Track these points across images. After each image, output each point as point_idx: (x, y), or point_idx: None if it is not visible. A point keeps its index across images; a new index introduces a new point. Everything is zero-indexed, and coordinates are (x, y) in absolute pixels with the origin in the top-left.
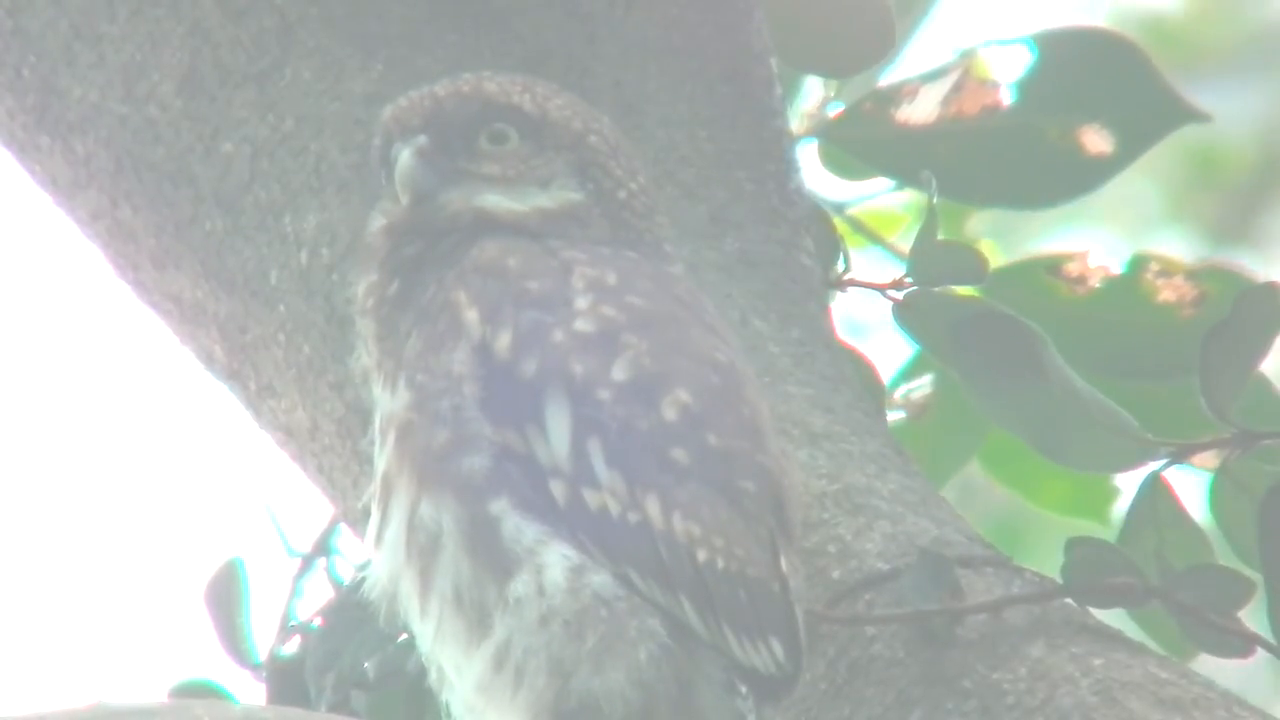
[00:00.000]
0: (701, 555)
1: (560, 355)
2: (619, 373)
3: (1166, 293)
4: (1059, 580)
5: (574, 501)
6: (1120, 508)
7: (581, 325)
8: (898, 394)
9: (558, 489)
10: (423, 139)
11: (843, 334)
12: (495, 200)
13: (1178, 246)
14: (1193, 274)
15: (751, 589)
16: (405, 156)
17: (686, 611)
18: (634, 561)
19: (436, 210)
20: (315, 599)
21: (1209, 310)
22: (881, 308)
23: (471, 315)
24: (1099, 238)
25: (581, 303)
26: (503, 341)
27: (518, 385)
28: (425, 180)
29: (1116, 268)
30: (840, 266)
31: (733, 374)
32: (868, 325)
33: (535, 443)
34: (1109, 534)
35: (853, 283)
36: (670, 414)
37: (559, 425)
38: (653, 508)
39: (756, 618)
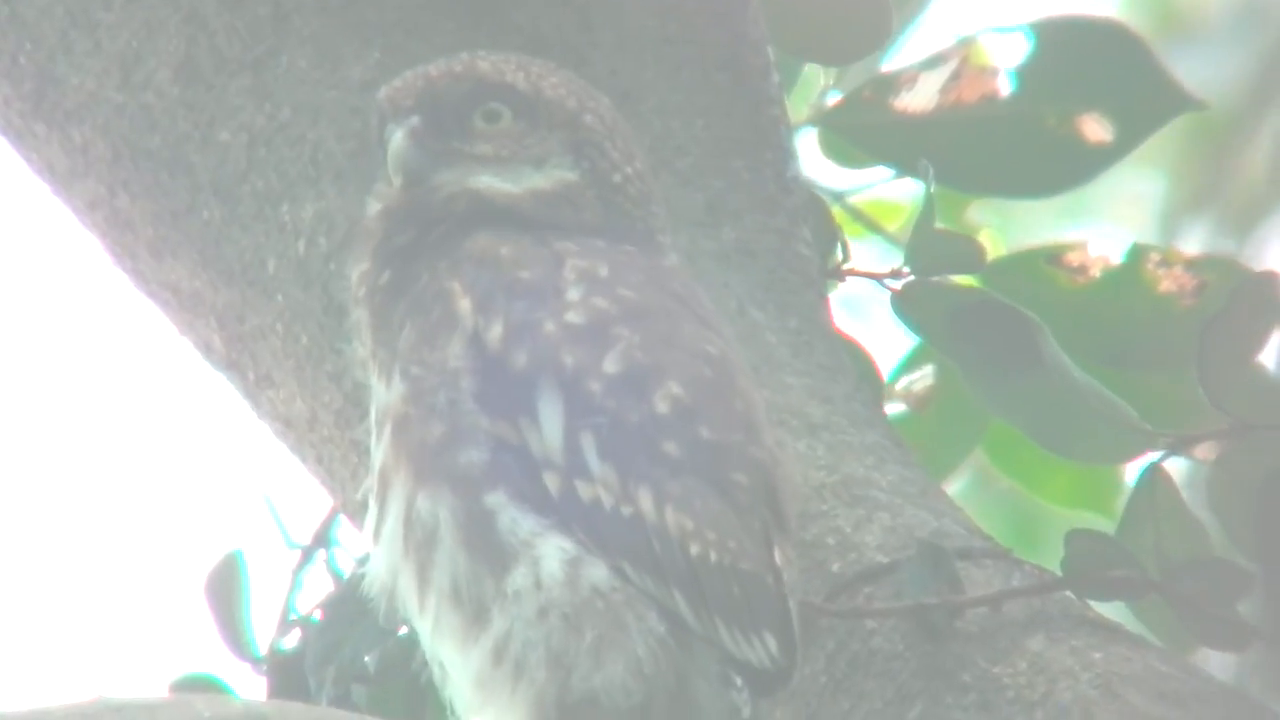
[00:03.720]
0: (694, 548)
1: (551, 347)
2: (610, 365)
3: (1166, 283)
4: (1058, 573)
5: (567, 493)
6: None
7: (572, 317)
8: (899, 386)
9: (551, 481)
10: (415, 119)
11: (840, 323)
12: (488, 181)
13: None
14: (1192, 264)
15: (744, 582)
16: (398, 138)
17: (679, 604)
18: (627, 554)
19: (430, 192)
20: (315, 591)
21: (1209, 300)
22: (880, 297)
23: (465, 304)
24: (1100, 223)
25: (573, 294)
26: (494, 332)
27: (510, 377)
28: (417, 161)
29: (1116, 258)
30: (838, 255)
31: (725, 367)
32: (866, 314)
33: (529, 434)
34: (1114, 526)
35: (851, 272)
36: (662, 407)
37: (551, 417)
38: (645, 501)
39: (750, 611)
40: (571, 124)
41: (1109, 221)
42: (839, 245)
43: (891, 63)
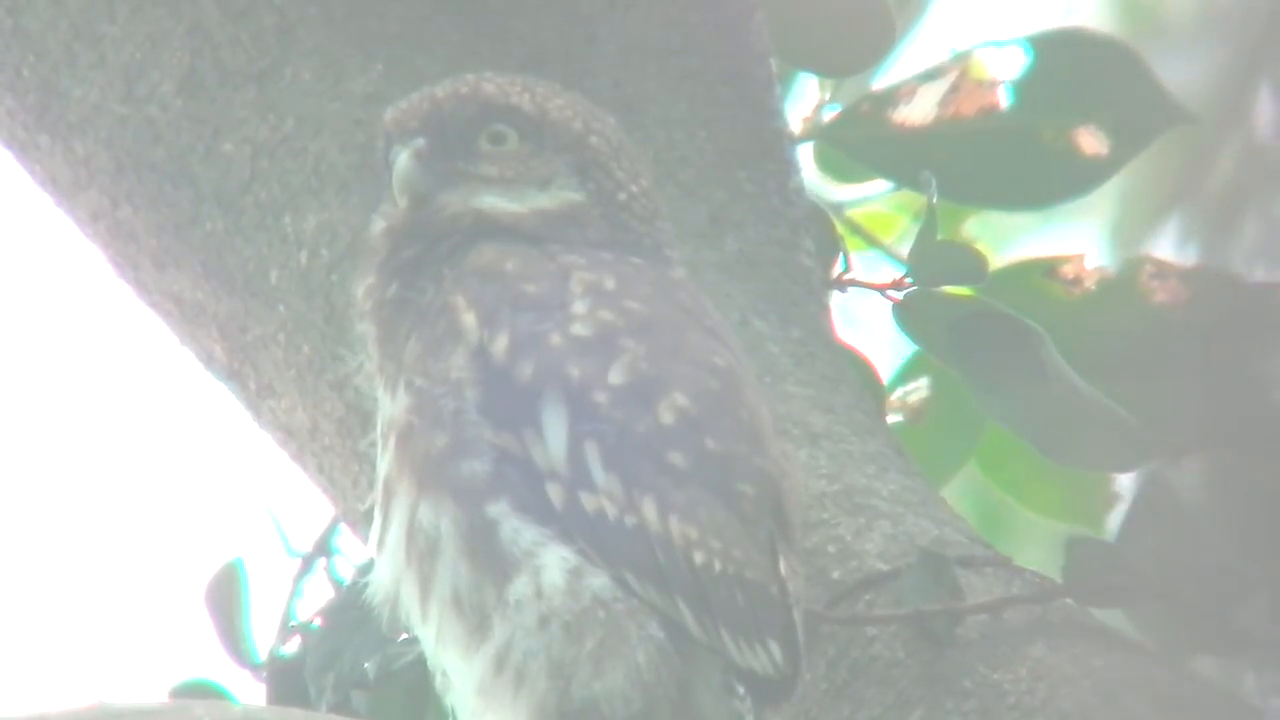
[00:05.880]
0: (698, 558)
1: (557, 358)
2: (616, 376)
3: (1160, 294)
4: (1059, 580)
5: (571, 504)
6: (1115, 513)
7: (578, 329)
8: (894, 397)
9: (554, 492)
10: (420, 141)
11: (842, 334)
12: (492, 201)
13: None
14: (1186, 276)
15: (749, 591)
16: (403, 159)
17: (683, 614)
18: (631, 564)
19: (435, 212)
20: (315, 599)
21: (1201, 312)
22: (881, 308)
23: (469, 318)
24: (1087, 231)
25: (579, 307)
26: (500, 345)
27: (515, 388)
28: (422, 183)
29: (1111, 270)
30: (840, 266)
31: (732, 378)
32: (867, 325)
33: (533, 446)
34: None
35: (853, 282)
36: (667, 418)
37: (556, 428)
38: (649, 510)
39: (754, 620)
40: (577, 145)
41: (1091, 228)
42: (841, 256)
43: (884, 78)
